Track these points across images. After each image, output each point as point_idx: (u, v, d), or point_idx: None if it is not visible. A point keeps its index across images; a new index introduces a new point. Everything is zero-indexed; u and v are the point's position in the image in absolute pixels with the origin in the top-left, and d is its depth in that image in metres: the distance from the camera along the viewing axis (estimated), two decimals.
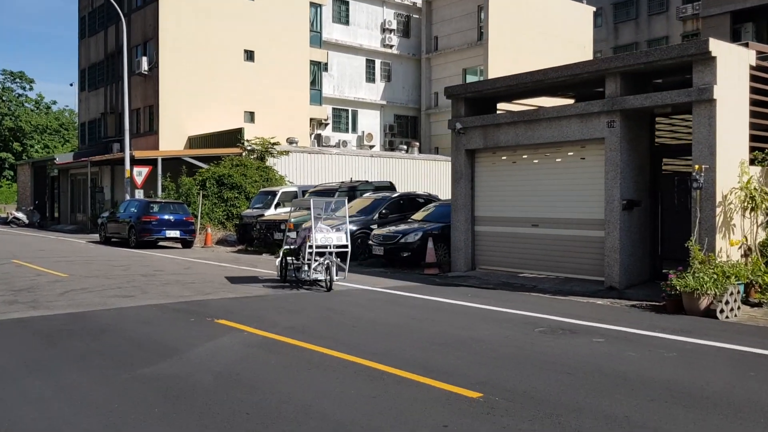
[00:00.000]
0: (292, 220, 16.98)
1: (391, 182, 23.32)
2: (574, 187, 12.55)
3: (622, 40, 47.80)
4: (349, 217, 18.77)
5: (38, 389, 5.41)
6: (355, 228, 17.89)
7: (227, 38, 34.35)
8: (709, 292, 9.22)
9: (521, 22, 39.04)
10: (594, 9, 44.61)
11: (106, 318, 8.67)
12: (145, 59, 33.32)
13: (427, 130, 42.36)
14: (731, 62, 10.55)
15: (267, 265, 15.84)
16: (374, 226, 17.90)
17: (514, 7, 38.96)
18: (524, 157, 13.48)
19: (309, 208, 12.99)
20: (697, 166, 10.39)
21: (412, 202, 19.40)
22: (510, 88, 13.35)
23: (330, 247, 11.94)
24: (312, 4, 37.59)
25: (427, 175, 34.98)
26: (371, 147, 39.76)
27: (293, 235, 12.98)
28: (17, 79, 67.93)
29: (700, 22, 43.92)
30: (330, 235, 12.26)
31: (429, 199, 19.79)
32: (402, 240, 15.69)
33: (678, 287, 9.50)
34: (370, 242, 16.53)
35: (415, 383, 5.53)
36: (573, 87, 13.04)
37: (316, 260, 11.88)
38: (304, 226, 12.97)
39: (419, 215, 17.60)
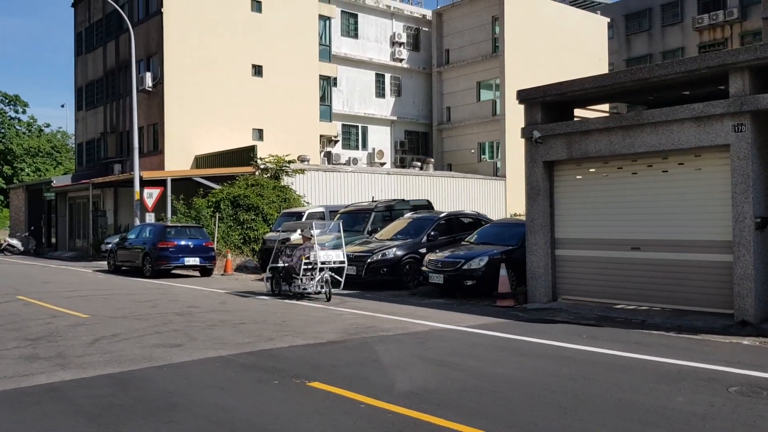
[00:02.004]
0: (327, 244, 16.05)
1: (428, 201, 21.46)
2: (686, 203, 10.73)
3: (634, 52, 46.62)
4: (391, 239, 17.03)
5: None
6: (401, 253, 16.04)
7: (234, 53, 32.59)
8: None
9: (536, 33, 37.60)
10: (608, 20, 43.32)
11: (163, 381, 6.69)
12: (149, 75, 31.47)
13: (440, 146, 40.62)
14: None
15: (320, 299, 13.91)
16: (423, 250, 16.02)
17: (528, 19, 37.54)
18: (619, 168, 11.65)
19: (297, 230, 15.44)
20: None
21: (459, 223, 17.55)
22: (602, 90, 11.56)
23: (331, 263, 13.93)
24: (321, 17, 35.95)
25: (445, 192, 33.19)
26: (382, 164, 37.98)
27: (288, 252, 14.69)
28: (11, 102, 65.91)
29: (717, 32, 42.89)
30: (330, 252, 14.29)
31: (478, 218, 17.95)
32: (465, 266, 13.78)
33: None
34: (425, 268, 14.62)
35: None
36: (681, 87, 11.25)
37: (312, 276, 13.73)
38: (304, 245, 14.46)
39: (472, 237, 15.75)
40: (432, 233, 16.46)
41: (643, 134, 10.96)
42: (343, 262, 14.18)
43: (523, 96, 12.62)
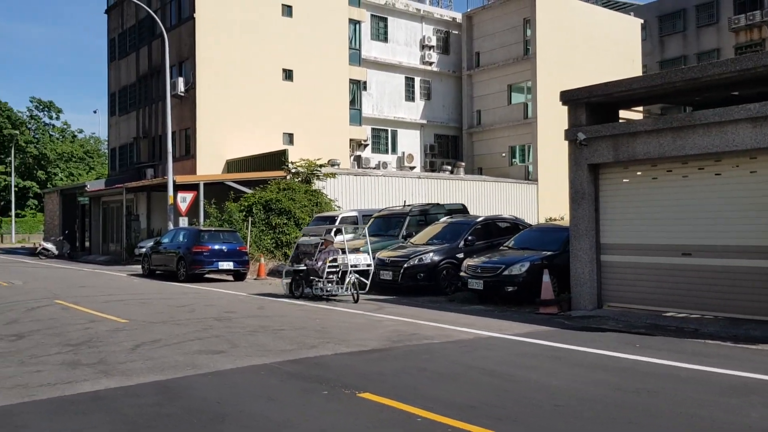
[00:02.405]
0: (362, 249, 16.21)
1: (463, 205, 21.16)
2: (740, 207, 10.31)
3: (668, 53, 45.76)
4: (427, 244, 16.76)
5: None
6: (438, 258, 15.75)
7: (265, 57, 32.65)
8: None
9: (568, 35, 37.10)
10: (641, 21, 42.59)
11: (209, 390, 6.51)
12: (181, 80, 31.63)
13: (470, 149, 40.24)
14: None
15: (346, 302, 13.72)
16: (460, 255, 15.73)
17: (560, 21, 37.05)
18: (668, 171, 11.25)
19: (318, 235, 16.11)
20: None
21: (496, 227, 17.21)
22: (650, 90, 11.18)
23: (360, 266, 14.58)
24: (351, 21, 35.87)
25: (476, 196, 32.84)
26: (412, 168, 37.73)
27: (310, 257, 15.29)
28: (46, 108, 67.10)
29: (754, 33, 41.90)
30: (359, 255, 14.96)
31: (515, 223, 17.60)
32: (506, 272, 13.45)
33: None
34: (463, 274, 14.33)
35: None
36: (731, 87, 10.84)
37: (335, 279, 14.38)
38: (327, 249, 15.01)
39: (510, 242, 15.42)
40: (469, 238, 16.15)
41: (694, 136, 10.56)
42: (370, 265, 14.91)
43: (567, 97, 12.29)
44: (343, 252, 14.77)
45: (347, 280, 14.24)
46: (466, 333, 9.86)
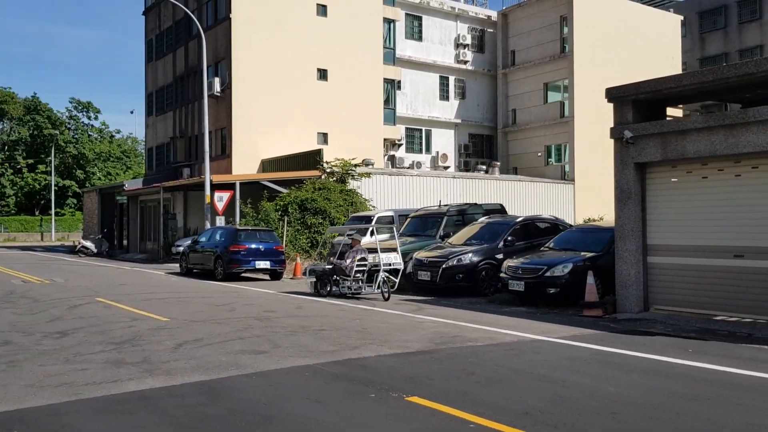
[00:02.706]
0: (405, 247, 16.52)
1: (501, 205, 20.86)
2: None
3: (709, 50, 44.72)
4: (465, 244, 16.55)
5: None
6: (477, 258, 15.53)
7: (300, 56, 32.69)
8: None
9: (606, 33, 36.42)
10: (681, 18, 41.65)
11: (254, 391, 6.43)
12: (217, 80, 31.86)
13: (505, 149, 39.83)
14: None
15: (379, 301, 13.58)
16: (499, 256, 15.48)
17: (598, 18, 36.40)
18: (720, 170, 10.88)
19: (341, 234, 17.18)
20: None
21: (535, 228, 16.91)
22: (701, 86, 10.81)
23: (390, 265, 14.83)
24: (385, 20, 35.74)
25: (512, 196, 32.44)
26: (446, 168, 37.46)
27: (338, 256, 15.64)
28: (84, 109, 68.42)
29: None
30: (389, 255, 15.11)
31: (555, 223, 17.27)
32: (548, 273, 13.17)
33: None
34: (503, 275, 14.08)
35: None
36: None
37: (361, 277, 14.83)
38: (355, 248, 15.35)
39: (551, 243, 15.11)
40: (509, 238, 15.87)
41: (748, 133, 10.18)
42: (400, 265, 15.13)
43: (613, 94, 11.97)
44: (371, 251, 14.99)
45: (378, 279, 14.46)
46: (510, 335, 9.65)
